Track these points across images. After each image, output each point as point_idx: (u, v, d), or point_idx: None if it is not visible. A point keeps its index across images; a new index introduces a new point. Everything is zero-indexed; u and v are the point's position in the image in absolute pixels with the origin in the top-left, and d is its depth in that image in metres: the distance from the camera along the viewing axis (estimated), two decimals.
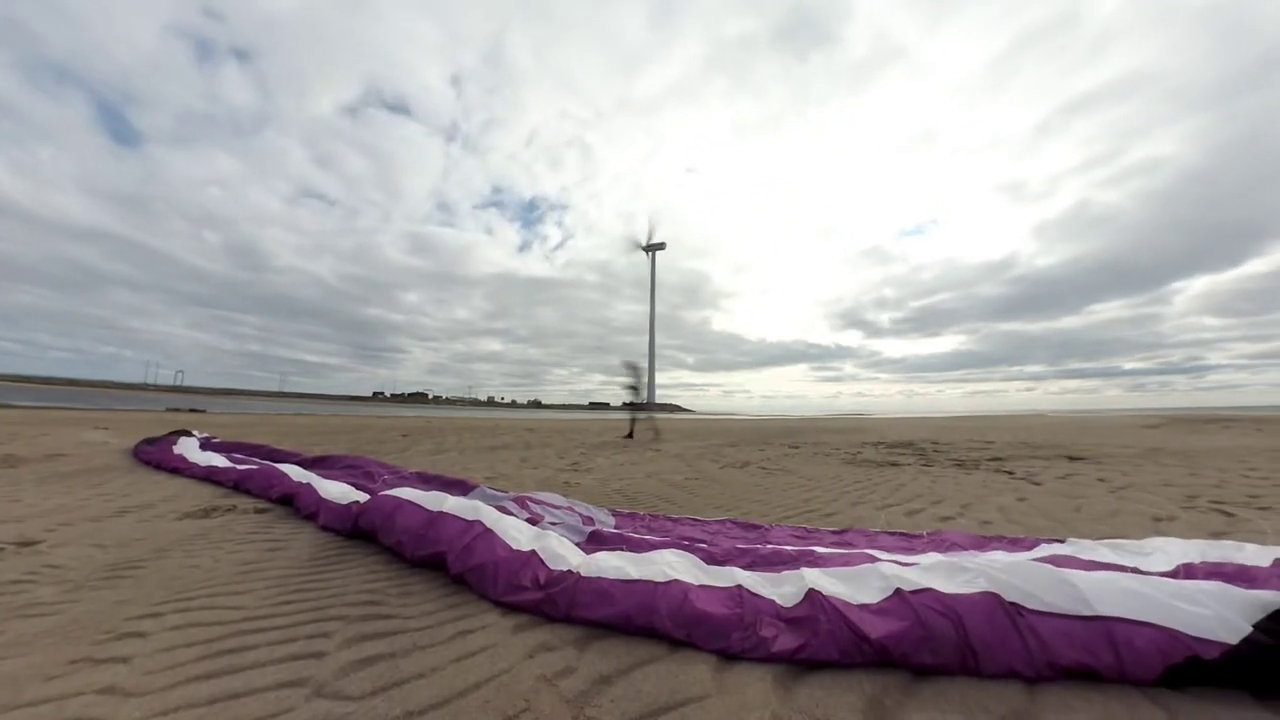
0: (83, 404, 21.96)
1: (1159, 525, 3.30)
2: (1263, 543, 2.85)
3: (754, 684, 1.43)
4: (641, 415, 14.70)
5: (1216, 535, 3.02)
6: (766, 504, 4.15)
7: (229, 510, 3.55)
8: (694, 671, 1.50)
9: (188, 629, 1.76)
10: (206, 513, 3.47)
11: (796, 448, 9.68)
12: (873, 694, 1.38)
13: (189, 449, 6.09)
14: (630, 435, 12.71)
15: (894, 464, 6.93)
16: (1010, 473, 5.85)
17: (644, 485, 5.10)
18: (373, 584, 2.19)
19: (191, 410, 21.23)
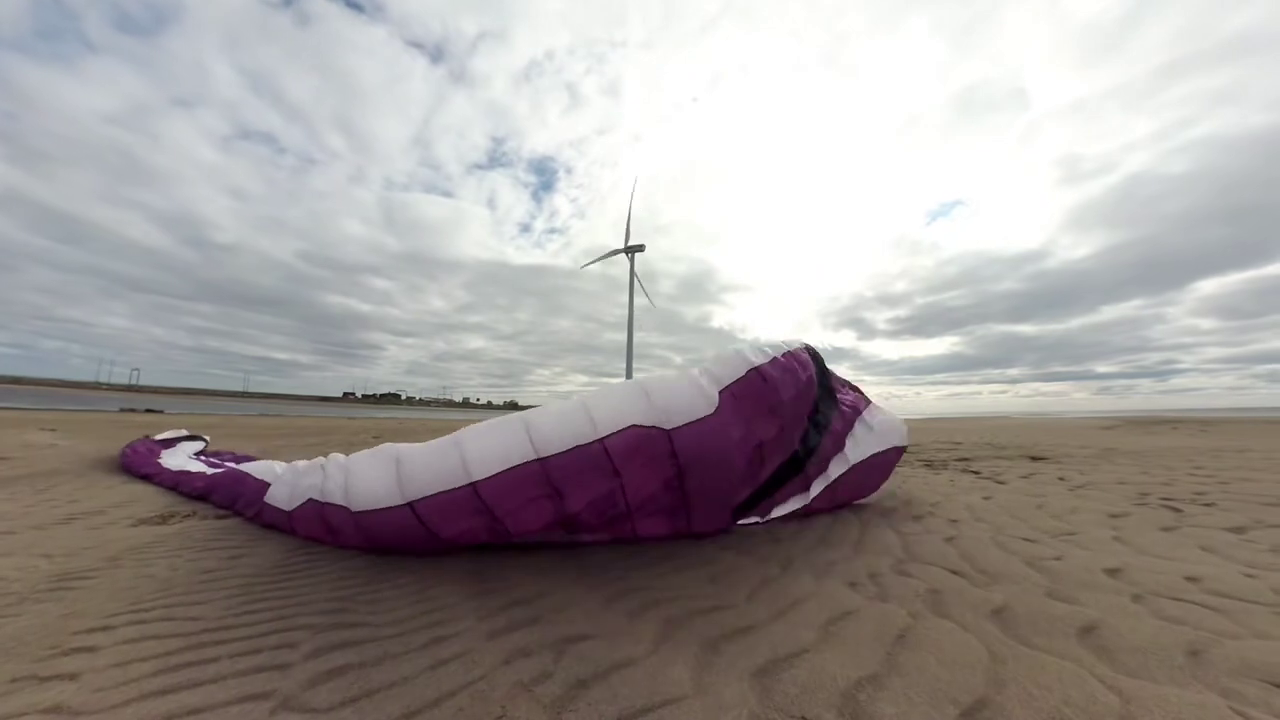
0: (27, 403, 20.75)
1: (1114, 521, 3.46)
2: (1208, 540, 3.02)
3: (731, 683, 1.44)
4: None
5: (1166, 529, 3.19)
6: None
7: (188, 516, 3.40)
8: (672, 673, 1.50)
9: (142, 642, 1.68)
10: (164, 518, 3.31)
11: None
12: (846, 689, 1.41)
13: (176, 457, 5.71)
14: None
15: None
16: (976, 472, 6.06)
17: None
18: (341, 591, 2.12)
19: (148, 411, 20.29)
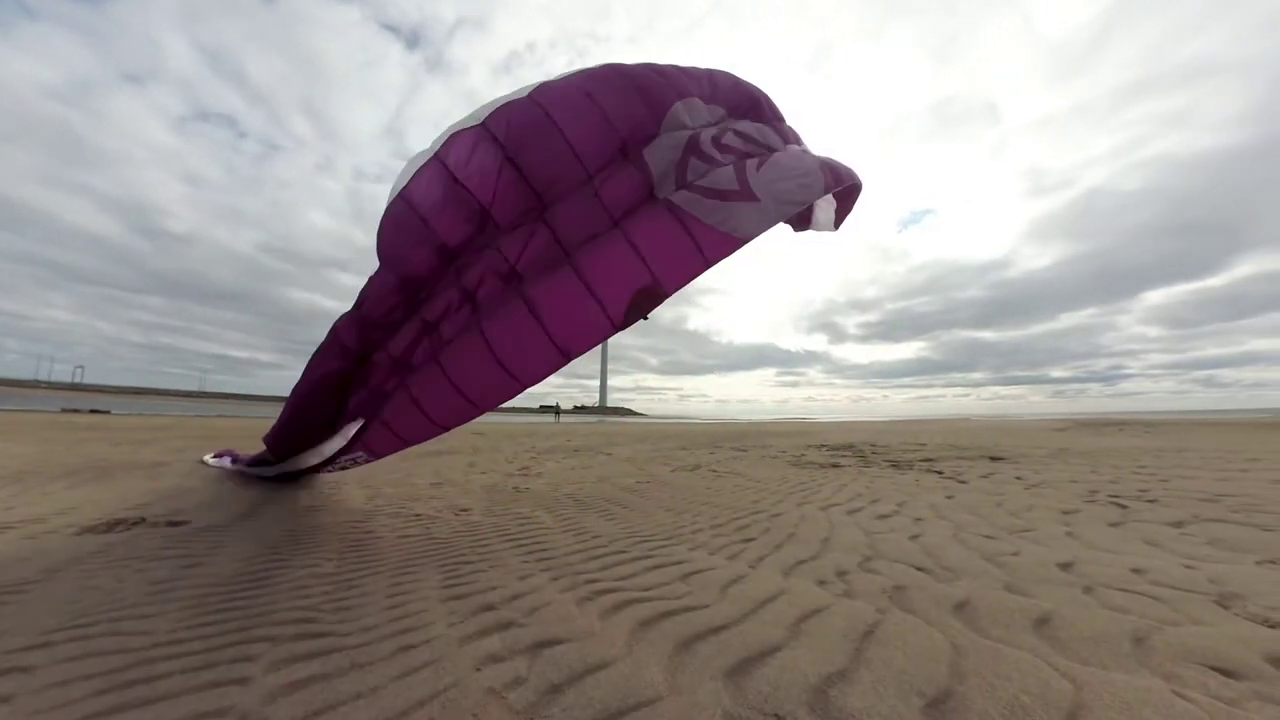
0: None
1: (1066, 517, 3.64)
2: (1151, 535, 3.20)
3: (705, 683, 1.45)
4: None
5: (1113, 525, 3.37)
6: (717, 505, 4.23)
7: (136, 523, 3.21)
8: (646, 674, 1.50)
9: (85, 659, 1.57)
10: (110, 526, 3.12)
11: (744, 450, 9.94)
12: (817, 685, 1.43)
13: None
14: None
15: (835, 465, 7.25)
16: (940, 472, 6.27)
17: (595, 489, 5.07)
18: (305, 600, 2.04)
19: (93, 411, 19.11)
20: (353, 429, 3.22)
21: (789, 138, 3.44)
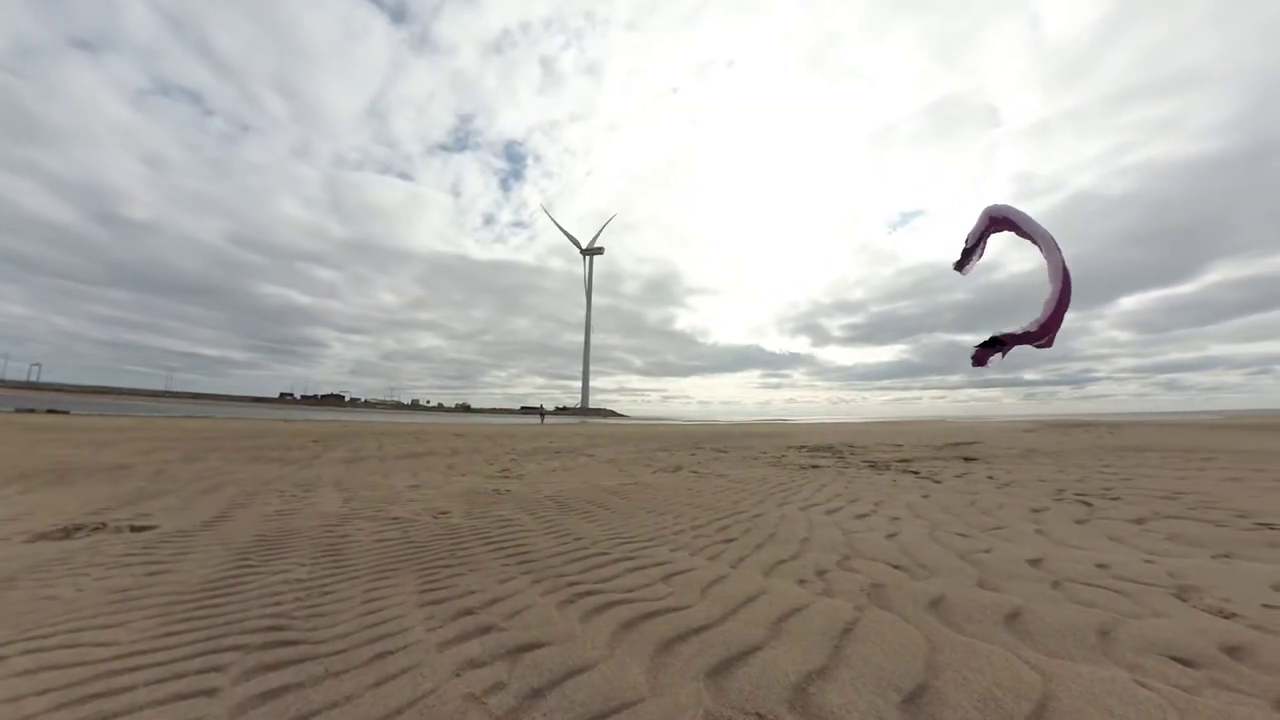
0: None
1: (1035, 515, 3.75)
2: (1115, 531, 3.31)
3: (687, 684, 1.46)
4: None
5: (1079, 522, 3.49)
6: (699, 506, 4.25)
7: (97, 529, 3.08)
8: (628, 676, 1.50)
9: (40, 673, 1.50)
10: (68, 532, 2.99)
11: (725, 451, 10.02)
12: (797, 683, 1.45)
13: None
14: None
15: (815, 466, 7.36)
16: (916, 473, 6.41)
17: (577, 491, 5.05)
18: (277, 607, 1.99)
19: (50, 411, 18.28)
20: None
21: None
